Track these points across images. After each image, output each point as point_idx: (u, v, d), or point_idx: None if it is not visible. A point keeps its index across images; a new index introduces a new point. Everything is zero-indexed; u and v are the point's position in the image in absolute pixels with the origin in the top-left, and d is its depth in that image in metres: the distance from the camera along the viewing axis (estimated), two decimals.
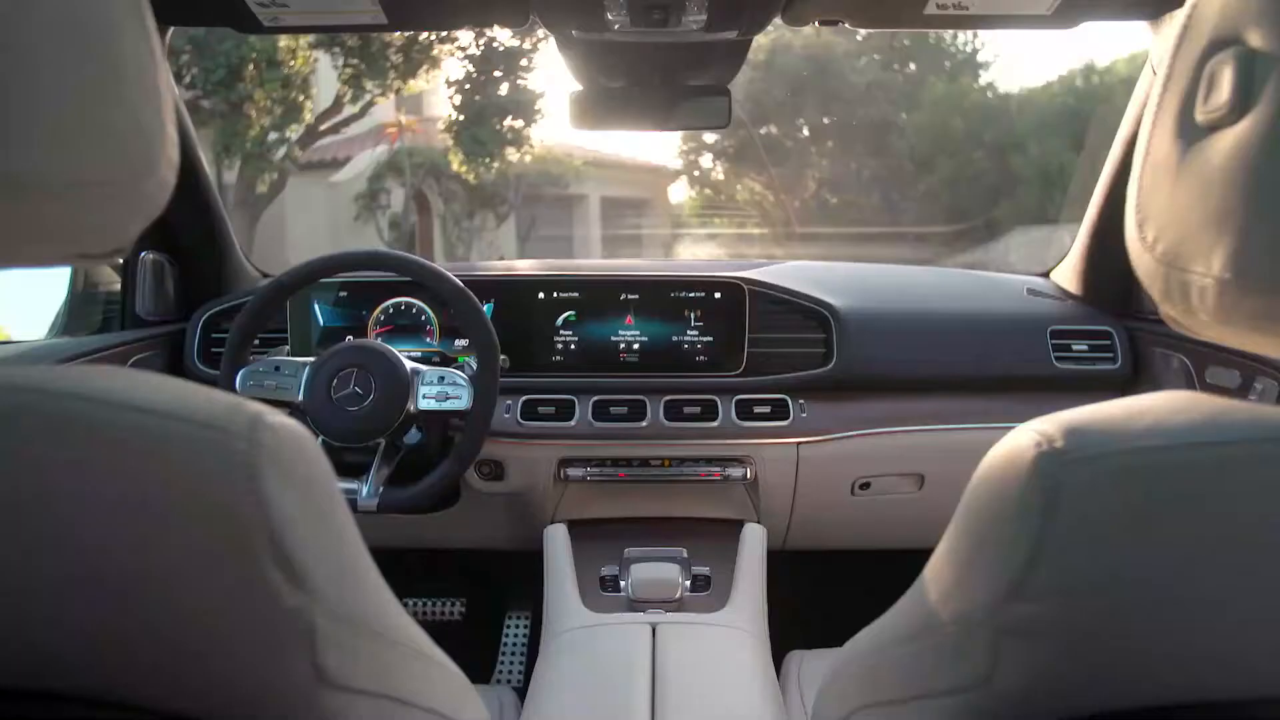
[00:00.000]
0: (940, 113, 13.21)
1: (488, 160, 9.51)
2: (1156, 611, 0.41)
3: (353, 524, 0.50)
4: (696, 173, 14.63)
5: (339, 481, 1.19)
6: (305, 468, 0.46)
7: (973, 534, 0.49)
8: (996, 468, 0.49)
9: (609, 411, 1.43)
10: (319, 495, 0.47)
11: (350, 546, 0.49)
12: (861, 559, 1.64)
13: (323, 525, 0.46)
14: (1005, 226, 12.03)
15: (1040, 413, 1.31)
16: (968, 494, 0.51)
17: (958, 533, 0.51)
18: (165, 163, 0.47)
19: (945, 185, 12.90)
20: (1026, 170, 12.22)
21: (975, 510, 0.50)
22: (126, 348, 1.41)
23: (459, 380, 1.27)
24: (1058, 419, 0.47)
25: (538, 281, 1.48)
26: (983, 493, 0.49)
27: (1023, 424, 0.50)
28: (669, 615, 1.19)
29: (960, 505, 0.51)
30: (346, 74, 8.74)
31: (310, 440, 0.47)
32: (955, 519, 0.52)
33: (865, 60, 13.89)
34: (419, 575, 1.95)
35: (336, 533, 0.48)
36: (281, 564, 0.41)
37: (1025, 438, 0.47)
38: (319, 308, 1.49)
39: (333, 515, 0.48)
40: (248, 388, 1.27)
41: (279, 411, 0.46)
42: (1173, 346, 1.40)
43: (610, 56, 1.28)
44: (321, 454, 0.48)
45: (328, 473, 0.48)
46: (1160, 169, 0.48)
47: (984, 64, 14.54)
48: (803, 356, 1.46)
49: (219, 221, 1.54)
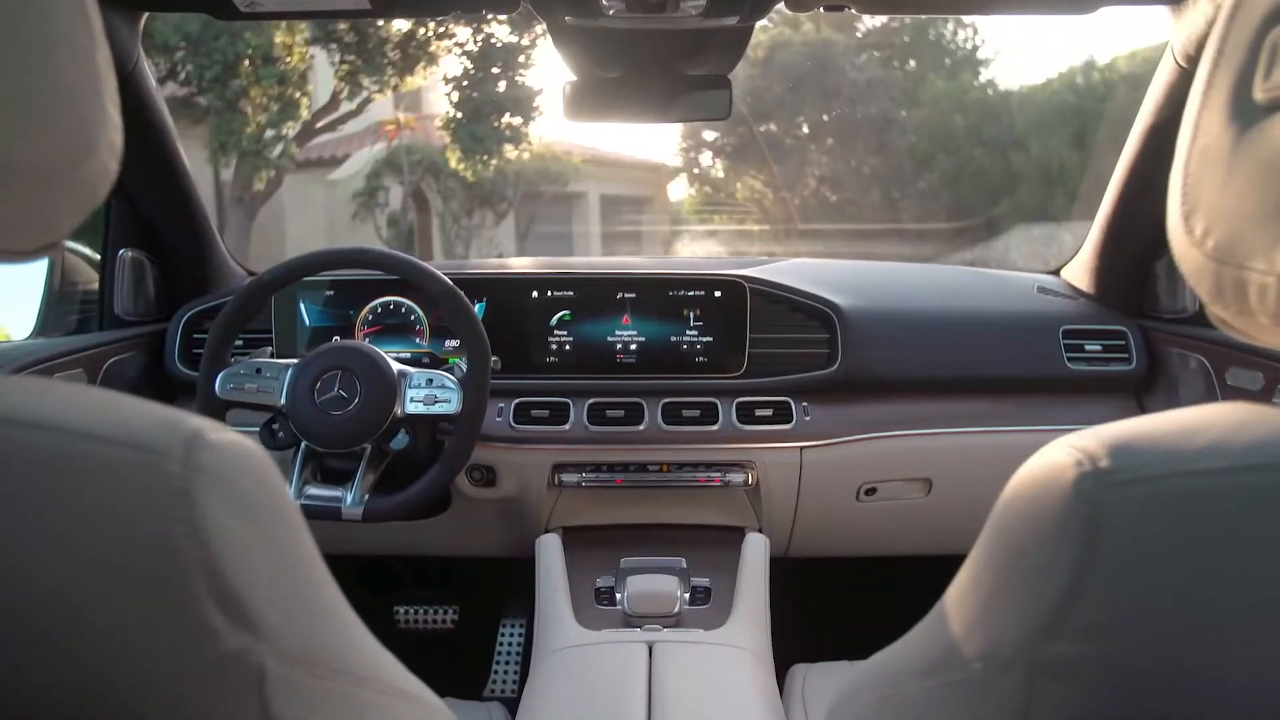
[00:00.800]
0: (940, 110, 13.19)
1: (486, 158, 9.46)
2: (1214, 655, 0.36)
3: (313, 551, 0.45)
4: (696, 170, 14.61)
5: (322, 489, 1.13)
6: (255, 490, 0.41)
7: (1001, 561, 0.44)
8: (1029, 487, 0.44)
9: (605, 415, 1.38)
10: (270, 521, 0.42)
11: (309, 577, 0.44)
12: (867, 566, 1.59)
13: (275, 554, 0.41)
14: (1006, 224, 12.02)
15: (1052, 415, 1.25)
16: (996, 516, 0.46)
17: (984, 558, 0.46)
18: (106, 148, 0.43)
19: (945, 182, 12.89)
20: (1027, 168, 12.20)
21: (1004, 535, 0.45)
22: (103, 349, 1.36)
23: (448, 383, 1.22)
24: (1100, 434, 0.42)
25: (531, 280, 1.43)
26: (1013, 515, 0.44)
27: (1059, 438, 0.45)
28: (666, 633, 1.13)
29: (987, 528, 0.46)
30: (343, 70, 8.69)
31: (261, 458, 0.42)
32: (981, 542, 0.47)
33: (865, 57, 13.87)
34: (410, 582, 1.90)
35: (292, 562, 0.43)
36: (223, 602, 0.37)
37: (1063, 454, 0.42)
38: (305, 307, 1.44)
39: (288, 543, 0.43)
40: (227, 391, 1.22)
41: (224, 426, 0.41)
42: (1190, 346, 1.36)
43: (606, 45, 1.23)
44: (275, 473, 0.43)
45: (282, 494, 0.43)
46: (1211, 154, 0.43)
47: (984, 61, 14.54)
48: (806, 357, 1.42)
49: (201, 217, 1.49)
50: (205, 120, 8.27)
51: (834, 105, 13.47)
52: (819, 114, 13.67)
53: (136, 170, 1.36)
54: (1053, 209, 11.72)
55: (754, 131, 12.87)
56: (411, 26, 8.76)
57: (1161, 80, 1.19)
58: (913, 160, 13.30)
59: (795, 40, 13.32)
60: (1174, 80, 1.16)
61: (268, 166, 8.55)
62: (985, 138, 12.73)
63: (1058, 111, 12.25)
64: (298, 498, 1.19)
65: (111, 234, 1.43)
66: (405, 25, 8.76)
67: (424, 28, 8.83)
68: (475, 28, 9.04)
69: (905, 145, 13.38)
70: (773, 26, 13.37)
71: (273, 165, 8.62)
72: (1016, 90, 13.88)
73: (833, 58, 13.20)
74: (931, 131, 13.12)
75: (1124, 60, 12.53)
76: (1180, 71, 1.14)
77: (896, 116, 13.50)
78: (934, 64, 14.29)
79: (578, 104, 1.32)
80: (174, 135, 1.37)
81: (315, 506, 1.19)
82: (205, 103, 8.18)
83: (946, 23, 14.25)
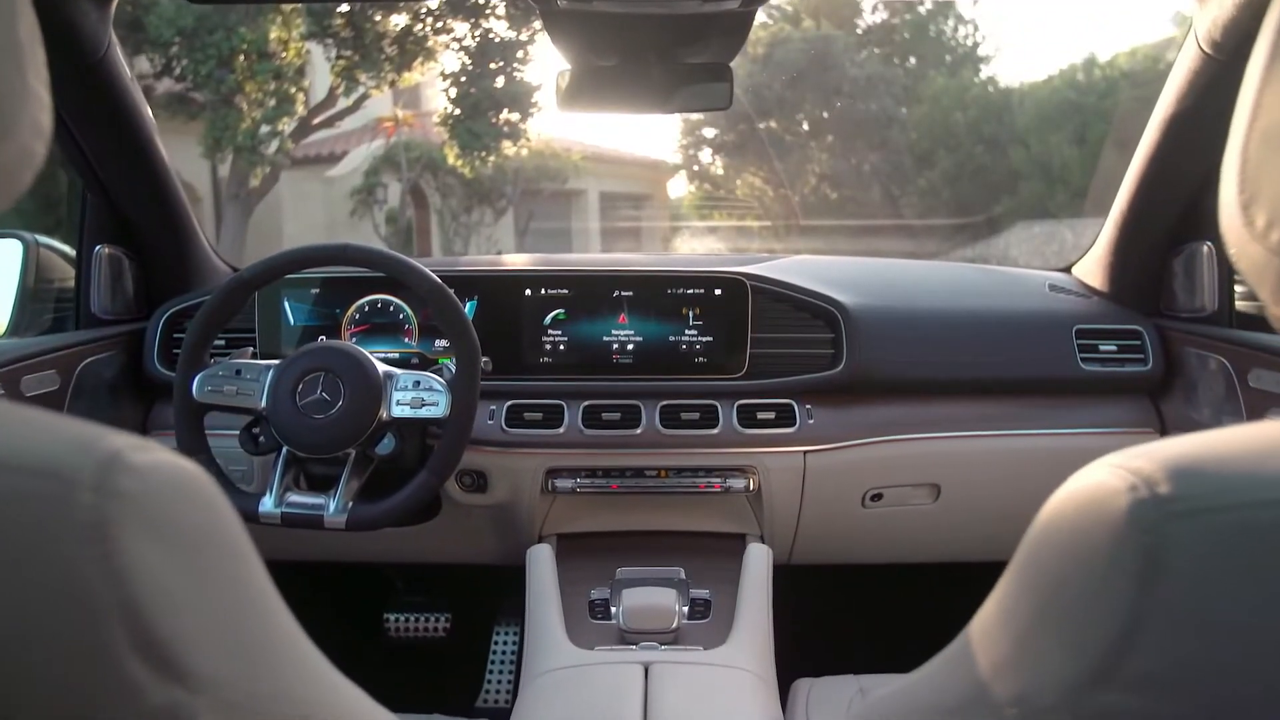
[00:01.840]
0: (941, 107, 13.17)
1: (484, 154, 9.41)
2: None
3: (262, 583, 0.40)
4: (696, 167, 14.58)
5: (304, 496, 1.08)
6: (187, 517, 0.36)
7: (1039, 596, 0.39)
8: (1072, 513, 0.39)
9: (600, 418, 1.33)
10: (207, 552, 0.37)
11: (256, 613, 0.39)
12: (871, 574, 1.54)
13: (213, 592, 0.36)
14: (1006, 222, 12.00)
15: (1065, 418, 1.17)
16: (1031, 542, 0.41)
17: (1017, 589, 0.41)
18: (29, 128, 0.38)
19: (946, 180, 12.87)
20: (1027, 165, 12.18)
21: (1042, 565, 0.40)
22: (78, 349, 1.31)
23: (436, 385, 1.16)
24: (1155, 454, 0.37)
25: (524, 277, 1.38)
26: (1053, 544, 0.39)
27: (1103, 457, 0.40)
28: (663, 653, 1.08)
29: (1020, 555, 0.41)
30: (339, 66, 8.64)
31: (196, 480, 0.37)
32: (1014, 572, 0.42)
33: (865, 54, 13.85)
34: (401, 589, 1.85)
35: (235, 599, 0.38)
36: (147, 651, 0.32)
37: (1113, 477, 0.37)
38: (290, 306, 1.39)
39: (231, 576, 0.38)
40: (205, 393, 1.17)
41: (152, 445, 0.36)
42: (1209, 347, 1.31)
43: (601, 31, 1.17)
44: (214, 496, 0.38)
45: (222, 520, 0.38)
46: (1275, 137, 0.38)
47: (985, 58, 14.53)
48: (810, 358, 1.37)
49: (181, 211, 1.44)
50: (201, 116, 8.22)
51: (834, 102, 13.45)
52: (819, 111, 13.64)
53: (111, 162, 1.31)
54: (1053, 206, 11.70)
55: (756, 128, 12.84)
56: (409, 22, 8.72)
57: (1184, 68, 1.14)
58: (913, 157, 13.29)
59: (795, 37, 13.29)
60: (1198, 68, 1.11)
61: (263, 163, 8.50)
62: (986, 135, 12.71)
63: (1059, 108, 12.23)
64: (278, 506, 1.14)
65: (87, 229, 1.38)
66: (402, 20, 8.72)
67: (421, 23, 8.78)
68: (473, 23, 8.99)
69: (906, 142, 13.37)
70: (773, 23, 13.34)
71: (269, 162, 8.57)
72: (1017, 87, 13.87)
73: (833, 54, 13.16)
74: (932, 128, 13.11)
75: (1125, 57, 12.51)
76: (1205, 59, 1.09)
77: (897, 113, 13.48)
78: (935, 61, 14.28)
79: (572, 94, 1.26)
80: (151, 125, 1.31)
81: (297, 515, 1.14)
82: (200, 98, 8.13)
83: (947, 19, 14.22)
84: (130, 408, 1.40)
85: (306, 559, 1.50)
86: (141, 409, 1.42)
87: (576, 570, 1.28)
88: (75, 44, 1.10)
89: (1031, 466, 1.38)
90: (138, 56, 7.91)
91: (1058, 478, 0.39)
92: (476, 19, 8.97)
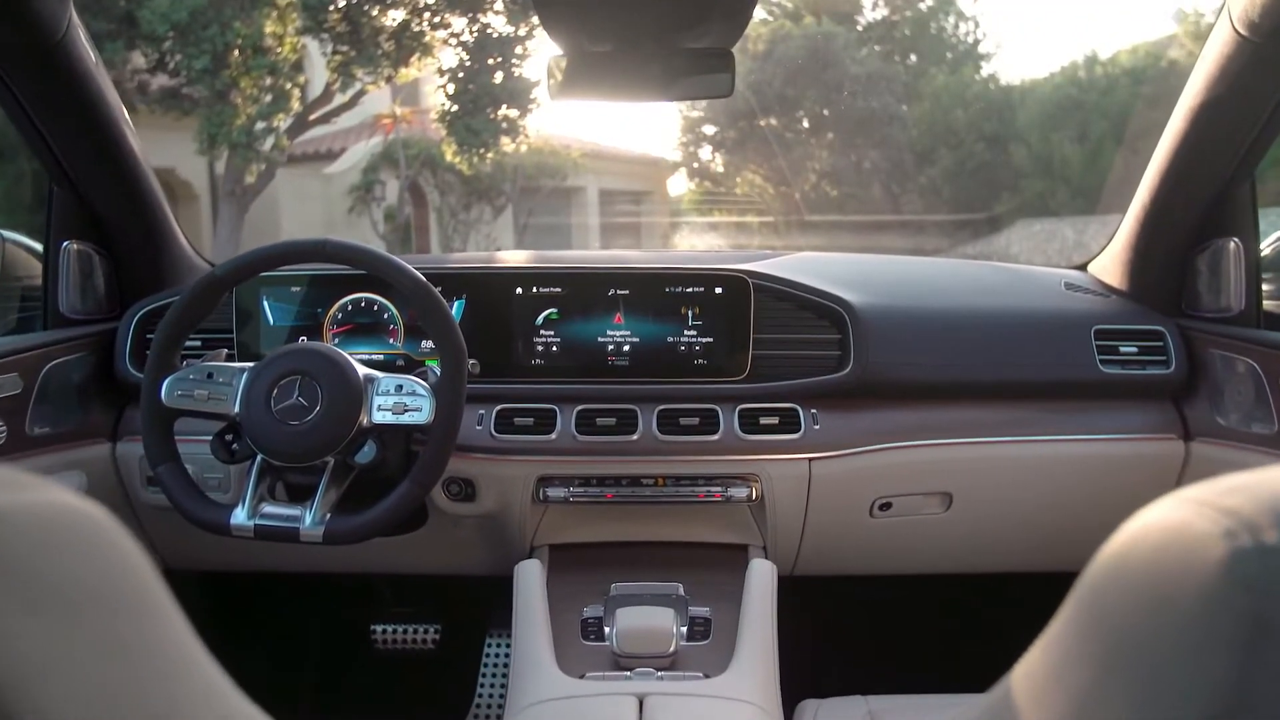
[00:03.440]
0: (941, 104, 13.14)
1: (482, 150, 9.32)
2: None
3: (174, 639, 0.33)
4: (695, 165, 14.54)
5: (280, 507, 1.00)
6: (67, 571, 0.29)
7: (1105, 653, 0.33)
8: (1148, 559, 0.32)
9: (595, 423, 1.27)
10: (91, 612, 0.30)
11: (160, 677, 0.33)
12: (879, 585, 1.48)
13: (98, 657, 0.30)
14: (1007, 219, 11.96)
15: (1084, 423, 1.07)
16: (1092, 587, 0.35)
17: (1075, 643, 0.35)
18: None
19: (946, 177, 12.84)
20: (1028, 163, 12.14)
21: (1108, 618, 0.33)
22: (44, 350, 1.24)
23: (419, 390, 1.10)
24: (1253, 490, 0.31)
25: (515, 275, 1.31)
26: (1123, 594, 0.33)
27: (1178, 491, 0.33)
28: (660, 683, 1.00)
29: (1078, 602, 0.35)
30: (335, 61, 8.56)
31: (85, 525, 0.30)
32: (1070, 621, 0.36)
33: (866, 51, 13.80)
34: (388, 599, 1.79)
35: (130, 663, 0.31)
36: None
37: (1202, 519, 0.31)
38: (269, 305, 1.33)
39: (124, 639, 0.31)
40: (174, 398, 1.10)
41: (36, 482, 0.29)
42: (1236, 348, 1.25)
43: (595, 14, 1.10)
44: (111, 543, 0.31)
45: (116, 570, 0.32)
46: None
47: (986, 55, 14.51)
48: (815, 360, 1.31)
49: (155, 205, 1.37)
50: (196, 112, 8.13)
51: (835, 99, 13.40)
52: (819, 108, 13.60)
53: (77, 152, 1.24)
54: (1054, 204, 11.65)
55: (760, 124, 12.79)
56: (406, 16, 8.65)
57: (1215, 52, 1.07)
58: (913, 155, 13.25)
59: (795, 34, 13.24)
60: (1231, 52, 1.04)
61: (259, 160, 8.42)
62: (986, 132, 12.67)
63: (1059, 106, 12.19)
64: (251, 518, 1.08)
65: (54, 224, 1.31)
66: (400, 15, 8.65)
67: (419, 18, 8.71)
68: (471, 18, 8.92)
69: (906, 140, 13.33)
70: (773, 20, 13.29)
71: (264, 158, 8.49)
72: (1018, 84, 13.86)
73: (833, 52, 13.12)
74: (932, 126, 13.07)
75: (1126, 54, 12.46)
76: (1239, 41, 1.02)
77: (897, 111, 13.45)
78: (935, 58, 14.25)
79: (564, 82, 1.19)
80: (119, 113, 1.24)
81: (271, 527, 1.08)
82: (194, 94, 8.04)
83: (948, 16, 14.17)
84: (100, 412, 1.33)
85: (287, 569, 1.44)
86: (112, 413, 1.35)
87: (568, 585, 1.21)
88: (32, 24, 1.03)
89: (1048, 474, 1.31)
90: (131, 51, 7.83)
91: (1075, 485, 0.33)
92: (474, 14, 8.90)
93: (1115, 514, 0.35)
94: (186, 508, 1.10)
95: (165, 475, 1.11)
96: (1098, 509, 1.33)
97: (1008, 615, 1.82)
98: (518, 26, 8.96)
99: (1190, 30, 11.47)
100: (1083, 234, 10.70)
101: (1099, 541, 0.34)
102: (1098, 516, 1.39)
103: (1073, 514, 1.33)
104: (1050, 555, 1.41)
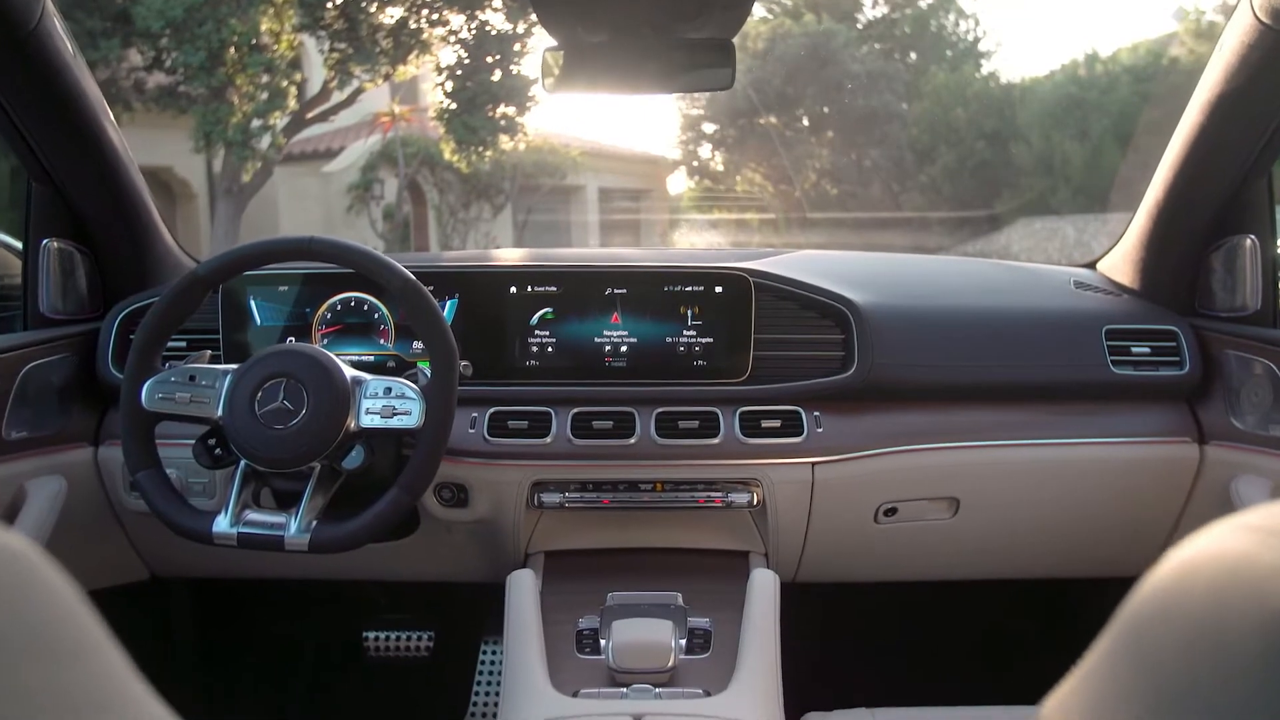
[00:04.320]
0: (942, 103, 13.12)
1: (480, 148, 9.28)
2: None
3: (108, 679, 0.30)
4: (695, 163, 14.51)
5: (264, 515, 0.96)
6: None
7: (1152, 690, 0.29)
8: (1203, 592, 0.29)
9: (591, 426, 1.23)
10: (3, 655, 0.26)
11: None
12: (884, 592, 1.44)
13: (10, 706, 0.26)
14: (1008, 217, 11.94)
15: (1095, 426, 1.02)
16: (1137, 618, 0.31)
17: (1117, 677, 0.31)
18: None
19: (946, 175, 12.82)
20: (1028, 161, 12.12)
21: (1155, 652, 0.30)
22: (22, 351, 1.20)
23: (409, 392, 1.06)
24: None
25: (509, 274, 1.27)
26: (1173, 629, 0.30)
27: (1233, 518, 0.30)
28: (657, 702, 0.96)
29: (1120, 633, 0.32)
30: (333, 59, 8.51)
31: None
32: (1111, 653, 0.32)
33: (866, 49, 13.78)
34: (381, 606, 1.75)
35: (50, 711, 0.27)
36: None
37: (1265, 550, 0.27)
38: (256, 305, 1.29)
39: (40, 683, 0.28)
40: (155, 401, 1.06)
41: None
42: (1252, 349, 1.21)
43: (591, 4, 1.06)
44: (28, 578, 0.28)
45: (35, 608, 0.28)
46: None
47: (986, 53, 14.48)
48: (818, 361, 1.27)
49: (139, 201, 1.33)
50: (192, 110, 8.09)
51: (835, 97, 13.38)
52: (819, 106, 13.58)
53: (55, 147, 1.20)
54: (1055, 202, 11.63)
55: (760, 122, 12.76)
56: (404, 14, 8.61)
57: (1235, 41, 1.03)
58: (914, 153, 13.23)
59: (795, 31, 13.21)
60: (1252, 40, 1.00)
61: (255, 158, 8.37)
62: (987, 130, 12.65)
63: (1060, 104, 12.17)
64: (234, 525, 1.04)
65: (33, 221, 1.27)
66: (398, 12, 8.60)
67: (416, 15, 8.67)
68: (469, 15, 8.87)
69: (906, 138, 13.31)
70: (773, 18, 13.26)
71: (261, 156, 8.44)
72: (1018, 82, 13.85)
73: (834, 49, 13.09)
74: (933, 124, 13.05)
75: (1126, 52, 12.43)
76: (1262, 30, 0.98)
77: (897, 109, 13.43)
78: (935, 56, 14.23)
79: (559, 74, 1.16)
80: (100, 106, 1.20)
81: (254, 535, 1.04)
82: (191, 92, 7.99)
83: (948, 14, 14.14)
84: (81, 415, 1.29)
85: (276, 576, 1.40)
86: (94, 416, 1.31)
87: (563, 594, 1.17)
88: (3, 14, 0.99)
89: (1058, 478, 1.28)
90: (127, 49, 7.78)
91: (1086, 490, 0.29)
92: (472, 11, 8.85)
93: (1127, 520, 0.31)
94: (167, 515, 1.06)
95: (145, 482, 1.07)
96: (1109, 514, 1.30)
97: (1017, 624, 1.79)
98: (516, 24, 8.92)
99: (1191, 28, 11.45)
100: (1083, 232, 10.68)
101: (1109, 548, 0.30)
102: (1109, 522, 1.36)
103: (1083, 520, 1.30)
104: (1061, 562, 1.37)
